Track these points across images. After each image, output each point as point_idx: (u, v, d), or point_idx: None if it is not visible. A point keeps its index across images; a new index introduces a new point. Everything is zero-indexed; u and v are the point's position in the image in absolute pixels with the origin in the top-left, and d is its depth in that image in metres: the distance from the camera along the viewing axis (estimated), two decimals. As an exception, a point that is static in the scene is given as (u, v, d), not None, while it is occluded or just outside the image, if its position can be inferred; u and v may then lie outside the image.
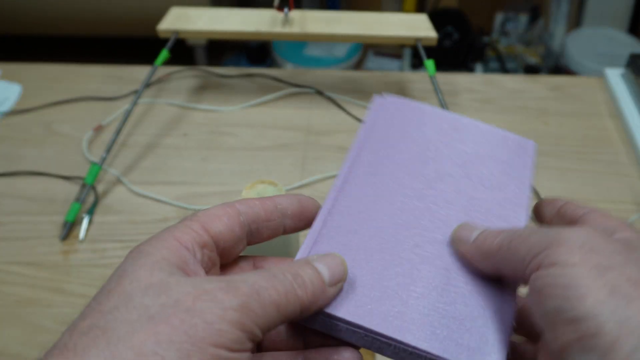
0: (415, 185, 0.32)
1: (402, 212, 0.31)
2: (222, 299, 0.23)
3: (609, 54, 1.63)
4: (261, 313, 0.23)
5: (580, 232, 0.23)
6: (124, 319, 0.22)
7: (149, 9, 1.50)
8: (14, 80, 0.85)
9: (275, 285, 0.24)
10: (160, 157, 0.74)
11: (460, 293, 0.28)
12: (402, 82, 0.87)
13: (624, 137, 0.77)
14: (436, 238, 0.30)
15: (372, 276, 0.28)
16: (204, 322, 0.22)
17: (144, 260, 0.25)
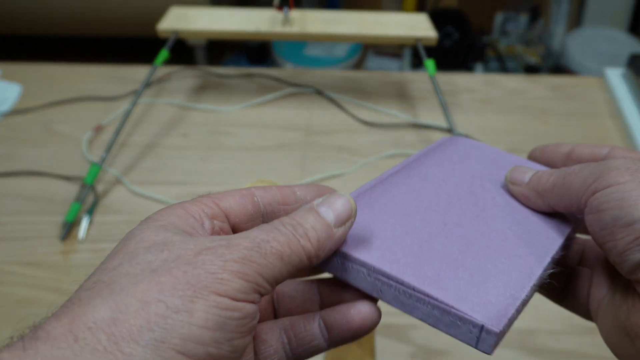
0: (457, 194, 0.32)
1: (437, 204, 0.31)
2: (223, 253, 0.23)
3: (609, 54, 1.63)
4: (263, 263, 0.23)
5: (625, 160, 0.27)
6: (127, 273, 0.23)
7: (149, 9, 1.50)
8: (14, 80, 0.85)
9: (276, 236, 0.24)
10: (160, 157, 0.74)
11: (483, 250, 0.28)
12: (402, 82, 0.87)
13: (624, 137, 0.77)
14: (464, 224, 0.30)
15: (391, 231, 0.28)
16: (206, 272, 0.22)
17: (151, 224, 0.25)
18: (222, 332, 0.22)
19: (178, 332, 0.21)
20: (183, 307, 0.21)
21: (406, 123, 0.79)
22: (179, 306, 0.21)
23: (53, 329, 0.21)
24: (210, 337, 0.21)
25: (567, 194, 0.29)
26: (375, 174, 0.72)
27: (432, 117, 0.80)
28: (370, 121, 0.79)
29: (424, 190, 0.32)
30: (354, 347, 0.54)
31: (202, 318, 0.21)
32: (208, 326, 0.21)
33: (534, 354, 0.54)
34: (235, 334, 0.22)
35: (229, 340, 0.22)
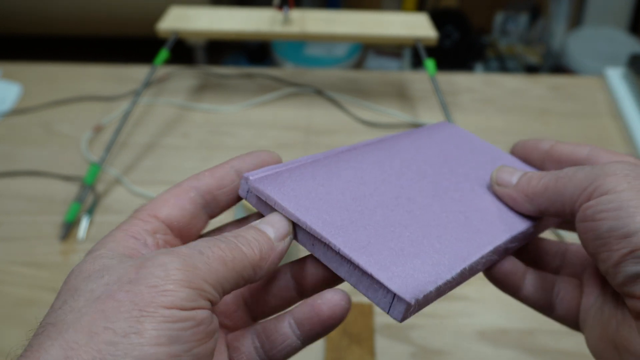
0: (422, 174, 0.32)
1: (396, 179, 0.31)
2: (164, 261, 0.22)
3: (609, 53, 1.63)
4: (206, 268, 0.23)
5: (622, 164, 0.26)
6: (71, 309, 0.22)
7: (149, 9, 1.50)
8: (14, 80, 0.85)
9: (217, 244, 0.24)
10: (160, 157, 0.74)
11: (426, 228, 0.28)
12: (402, 82, 0.87)
13: (624, 137, 0.77)
14: (418, 201, 0.30)
15: (340, 195, 0.28)
16: (149, 287, 0.22)
17: (87, 257, 0.25)
18: (178, 345, 0.21)
19: (131, 356, 0.20)
20: (131, 330, 0.21)
21: (406, 123, 0.79)
22: (126, 329, 0.21)
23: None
24: (166, 353, 0.21)
25: (560, 198, 0.27)
26: (375, 174, 0.72)
27: (432, 117, 0.80)
28: (370, 121, 0.79)
29: (389, 163, 0.32)
30: (354, 347, 0.54)
31: (153, 336, 0.21)
32: (161, 342, 0.21)
33: (534, 354, 0.53)
34: (193, 343, 0.22)
35: (187, 350, 0.22)
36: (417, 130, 0.37)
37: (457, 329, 0.56)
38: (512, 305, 0.58)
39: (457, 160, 0.34)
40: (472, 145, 0.37)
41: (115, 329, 0.21)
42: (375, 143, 0.34)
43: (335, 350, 0.54)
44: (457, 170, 0.33)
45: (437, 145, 0.35)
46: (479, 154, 0.36)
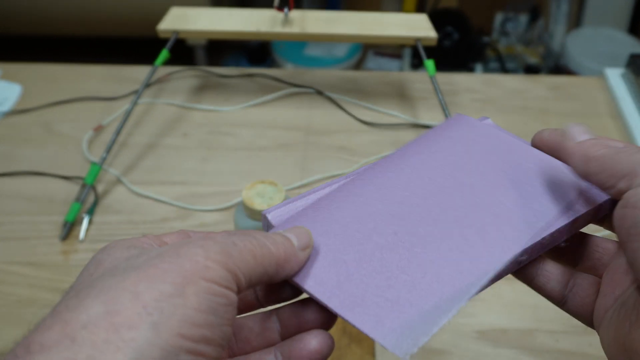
0: (431, 187, 0.32)
1: (400, 205, 0.31)
2: (204, 244, 0.24)
3: (609, 54, 1.63)
4: (239, 258, 0.24)
5: None
6: (112, 274, 0.23)
7: (149, 9, 1.50)
8: (14, 80, 0.85)
9: (248, 239, 0.26)
10: (160, 157, 0.74)
11: (422, 266, 0.28)
12: (402, 82, 0.87)
13: (624, 137, 0.77)
14: (418, 231, 0.30)
15: (334, 245, 0.29)
16: (192, 261, 0.23)
17: (117, 245, 0.26)
18: (214, 316, 0.23)
19: (175, 314, 0.21)
20: (176, 292, 0.22)
21: (406, 123, 0.79)
22: (171, 292, 0.22)
23: (46, 339, 0.20)
24: (204, 319, 0.22)
25: (611, 170, 0.27)
26: (375, 174, 0.72)
27: (432, 117, 0.80)
28: (370, 121, 0.79)
29: (395, 183, 0.32)
30: (354, 346, 0.54)
31: (196, 301, 0.22)
32: (202, 309, 0.22)
33: (534, 354, 0.54)
34: (223, 320, 0.23)
35: (219, 325, 0.23)
36: (429, 133, 0.35)
37: (457, 329, 0.56)
38: (512, 305, 0.58)
39: (474, 163, 0.33)
40: (488, 142, 0.35)
41: (161, 289, 0.22)
42: (386, 161, 0.33)
43: (335, 350, 0.54)
44: (474, 174, 0.32)
45: (450, 147, 0.34)
46: (496, 154, 0.34)
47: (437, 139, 0.35)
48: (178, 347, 0.21)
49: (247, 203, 0.53)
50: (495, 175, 0.33)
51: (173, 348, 0.21)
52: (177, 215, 0.66)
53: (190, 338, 0.22)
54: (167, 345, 0.21)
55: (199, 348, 0.22)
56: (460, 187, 0.32)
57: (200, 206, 0.67)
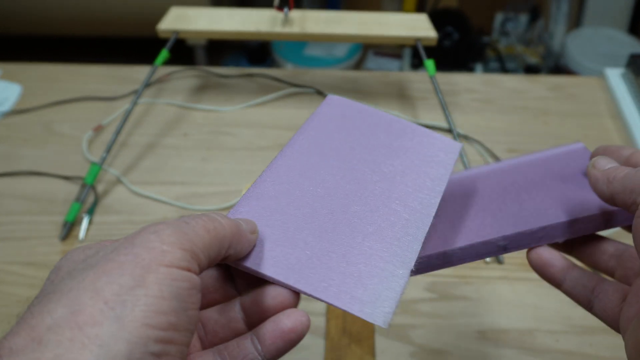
0: (340, 167, 0.34)
1: (323, 187, 0.33)
2: (156, 229, 0.24)
3: (609, 54, 1.63)
4: (193, 234, 0.25)
5: None
6: (71, 277, 0.23)
7: (149, 9, 1.50)
8: (14, 80, 0.85)
9: (199, 216, 0.26)
10: (160, 157, 0.74)
11: (362, 254, 0.30)
12: (402, 82, 0.87)
13: (624, 137, 0.77)
14: (350, 209, 0.32)
15: (283, 232, 0.30)
16: (147, 249, 0.23)
17: (73, 251, 0.26)
18: (178, 301, 0.22)
19: (138, 305, 0.21)
20: (136, 283, 0.22)
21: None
22: (131, 283, 0.22)
23: (14, 344, 0.21)
24: (168, 306, 0.22)
25: (632, 186, 0.29)
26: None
27: (432, 117, 0.80)
28: (370, 121, 0.79)
29: (310, 173, 0.34)
30: (354, 346, 0.54)
31: (158, 289, 0.22)
32: (164, 296, 0.22)
33: (534, 354, 0.54)
34: (188, 304, 0.23)
35: (184, 310, 0.23)
36: (312, 120, 0.38)
37: (457, 329, 0.56)
38: (512, 305, 0.58)
39: (363, 143, 0.36)
40: (367, 120, 0.38)
41: (121, 283, 0.22)
42: (295, 147, 0.36)
43: (335, 350, 0.54)
44: (366, 157, 0.35)
45: (338, 133, 0.37)
46: (377, 128, 0.37)
47: (326, 123, 0.38)
48: (145, 337, 0.21)
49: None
50: (383, 148, 0.36)
51: (140, 339, 0.21)
52: (177, 215, 0.66)
53: (157, 327, 0.21)
54: (133, 337, 0.21)
55: (168, 335, 0.22)
56: (367, 164, 0.35)
57: (200, 206, 0.67)
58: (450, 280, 0.60)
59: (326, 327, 0.55)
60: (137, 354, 0.21)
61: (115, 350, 0.20)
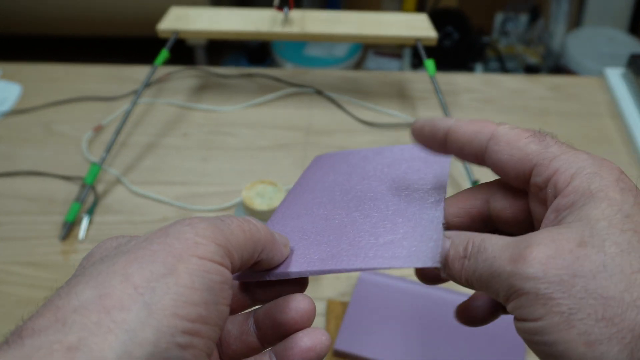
0: (342, 192, 0.35)
1: (332, 205, 0.34)
2: (191, 222, 0.23)
3: (609, 53, 1.63)
4: (229, 232, 0.24)
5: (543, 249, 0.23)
6: (102, 261, 0.23)
7: (149, 9, 1.50)
8: (14, 80, 0.85)
9: (234, 217, 0.26)
10: (160, 157, 0.74)
11: (389, 227, 0.30)
12: (402, 82, 0.87)
13: (624, 137, 0.77)
14: (366, 208, 0.33)
15: (304, 241, 0.31)
16: (181, 239, 0.22)
17: (108, 239, 0.26)
18: (209, 294, 0.22)
19: (168, 293, 0.21)
20: (167, 271, 0.21)
21: (406, 123, 0.79)
22: (162, 271, 0.21)
23: (37, 325, 0.20)
24: (199, 297, 0.21)
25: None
26: (375, 174, 0.72)
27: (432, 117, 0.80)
28: (370, 121, 0.79)
29: (316, 201, 0.35)
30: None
31: (189, 280, 0.21)
32: (195, 287, 0.21)
33: (534, 354, 0.53)
34: (219, 298, 0.22)
35: (215, 303, 0.22)
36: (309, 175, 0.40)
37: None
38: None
39: (358, 174, 0.37)
40: (350, 162, 0.39)
41: (152, 269, 0.21)
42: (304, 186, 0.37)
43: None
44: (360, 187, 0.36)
45: (331, 174, 0.38)
46: (362, 167, 0.38)
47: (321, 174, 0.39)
48: (174, 326, 0.20)
49: (247, 203, 0.53)
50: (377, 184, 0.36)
51: (168, 328, 0.20)
52: (177, 215, 0.66)
53: (185, 317, 0.21)
54: (162, 325, 0.20)
55: (196, 327, 0.21)
56: (366, 188, 0.35)
57: (200, 206, 0.67)
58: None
59: (326, 327, 0.55)
60: (163, 343, 0.20)
61: (142, 338, 0.20)
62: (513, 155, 0.26)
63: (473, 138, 0.27)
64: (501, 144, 0.27)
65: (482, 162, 0.28)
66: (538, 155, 0.26)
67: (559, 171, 0.25)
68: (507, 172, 0.27)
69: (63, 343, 0.19)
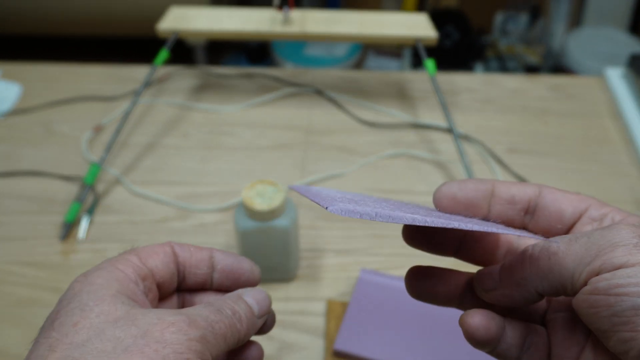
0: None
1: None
2: (187, 331, 0.25)
3: (609, 53, 1.63)
4: (214, 343, 0.26)
5: (625, 232, 0.24)
6: (99, 351, 0.24)
7: (149, 9, 1.50)
8: (14, 80, 0.85)
9: (222, 319, 0.28)
10: (160, 157, 0.74)
11: None
12: (402, 82, 0.87)
13: (624, 137, 0.77)
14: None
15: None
16: (175, 352, 0.24)
17: (103, 293, 0.27)
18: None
19: None
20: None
21: (406, 123, 0.79)
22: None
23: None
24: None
25: (557, 276, 0.25)
26: (375, 173, 0.72)
27: (432, 117, 0.80)
28: (370, 121, 0.79)
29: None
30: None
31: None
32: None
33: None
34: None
35: None
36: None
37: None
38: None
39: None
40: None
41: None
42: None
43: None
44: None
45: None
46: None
47: None
48: None
49: (247, 203, 0.53)
50: None
51: None
52: (177, 215, 0.66)
53: None
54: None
55: None
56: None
57: (200, 206, 0.67)
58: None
59: (326, 327, 0.55)
60: None
61: None
62: (567, 194, 0.28)
63: (522, 186, 0.29)
64: (551, 189, 0.29)
65: (531, 211, 0.29)
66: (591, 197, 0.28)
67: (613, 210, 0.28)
68: (562, 209, 0.28)
69: None
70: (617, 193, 0.69)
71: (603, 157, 0.75)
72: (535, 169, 0.73)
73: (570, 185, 0.70)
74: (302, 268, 0.61)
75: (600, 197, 0.73)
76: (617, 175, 0.72)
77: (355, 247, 0.63)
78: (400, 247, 0.63)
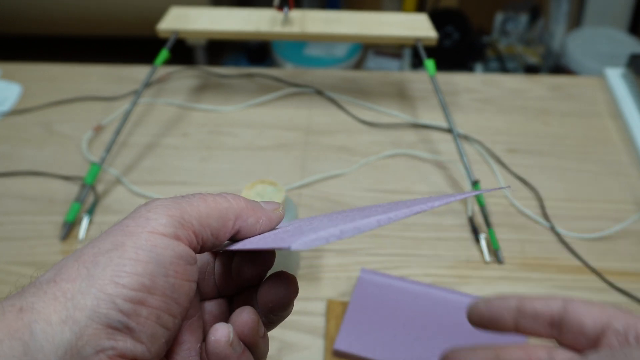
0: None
1: None
2: (149, 202, 0.26)
3: (609, 53, 1.63)
4: (187, 204, 0.26)
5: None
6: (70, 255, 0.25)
7: (149, 9, 1.50)
8: (14, 80, 0.85)
9: (201, 193, 0.27)
10: (160, 157, 0.74)
11: None
12: (402, 82, 0.87)
13: (624, 137, 0.77)
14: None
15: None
16: (135, 218, 0.25)
17: (158, 206, 0.27)
18: (156, 266, 0.24)
19: (109, 265, 0.23)
20: (113, 247, 0.24)
21: (406, 123, 0.79)
22: (109, 247, 0.24)
23: (6, 297, 0.25)
24: (143, 268, 0.23)
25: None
26: (375, 174, 0.72)
27: (432, 117, 0.80)
28: (370, 121, 0.79)
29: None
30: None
31: (133, 252, 0.24)
32: (139, 259, 0.23)
33: (534, 354, 0.53)
34: (171, 272, 0.24)
35: (164, 276, 0.24)
36: None
37: (457, 329, 0.56)
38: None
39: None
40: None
41: (100, 247, 0.24)
42: None
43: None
44: None
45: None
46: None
47: None
48: (113, 294, 0.23)
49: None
50: None
51: (108, 295, 0.22)
52: (177, 215, 0.66)
53: (126, 286, 0.23)
54: (101, 293, 0.23)
55: (139, 296, 0.23)
56: None
57: (200, 206, 0.67)
58: (450, 280, 0.60)
59: (326, 327, 0.55)
60: (103, 308, 0.22)
61: (82, 303, 0.22)
62: (591, 306, 0.27)
63: (546, 301, 0.28)
64: (576, 302, 0.28)
65: (557, 325, 0.28)
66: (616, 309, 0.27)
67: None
68: (584, 323, 0.27)
69: (15, 306, 0.24)
70: (617, 193, 0.69)
71: (603, 157, 0.75)
72: (535, 169, 0.73)
73: (570, 185, 0.70)
74: (303, 268, 0.61)
75: (600, 197, 0.73)
76: (617, 175, 0.72)
77: (355, 247, 0.63)
78: (400, 247, 0.63)
